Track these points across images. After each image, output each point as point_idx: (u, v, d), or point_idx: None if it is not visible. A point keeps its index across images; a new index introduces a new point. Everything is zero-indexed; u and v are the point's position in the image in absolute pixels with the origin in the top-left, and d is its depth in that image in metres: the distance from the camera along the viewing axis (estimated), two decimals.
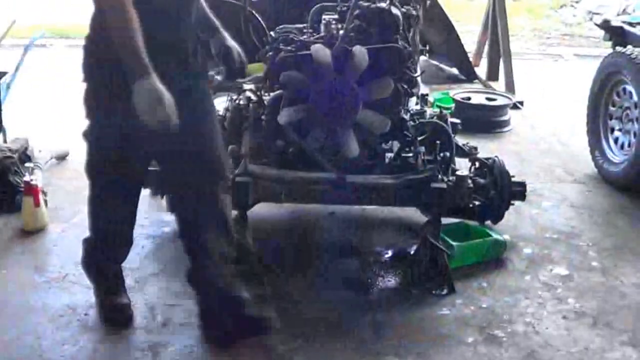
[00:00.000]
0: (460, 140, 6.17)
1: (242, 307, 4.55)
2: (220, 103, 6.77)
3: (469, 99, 8.53)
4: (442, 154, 5.54)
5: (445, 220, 5.42)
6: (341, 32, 5.45)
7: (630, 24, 7.75)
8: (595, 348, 4.66)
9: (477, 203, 5.62)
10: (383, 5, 5.61)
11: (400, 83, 5.44)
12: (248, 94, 5.91)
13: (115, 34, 3.93)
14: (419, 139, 5.60)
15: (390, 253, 5.65)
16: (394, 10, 5.63)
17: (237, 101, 5.93)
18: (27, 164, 6.33)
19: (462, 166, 5.85)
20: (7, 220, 6.04)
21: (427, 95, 6.86)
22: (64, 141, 7.45)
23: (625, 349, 4.66)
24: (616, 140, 7.09)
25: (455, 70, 10.33)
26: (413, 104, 6.17)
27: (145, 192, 5.96)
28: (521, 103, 9.02)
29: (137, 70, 3.91)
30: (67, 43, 11.83)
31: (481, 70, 10.23)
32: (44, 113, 8.46)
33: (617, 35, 7.70)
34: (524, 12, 14.88)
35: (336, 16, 5.77)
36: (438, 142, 5.60)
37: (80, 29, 12.26)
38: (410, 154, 5.47)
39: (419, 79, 5.98)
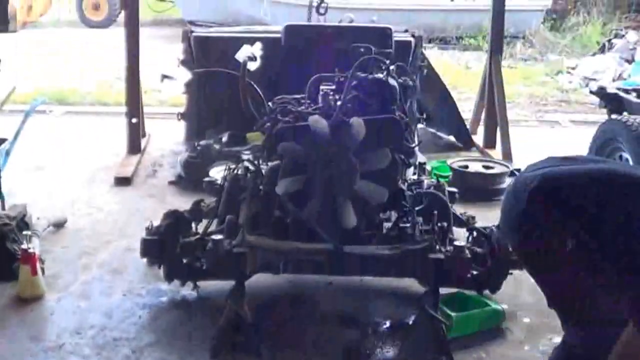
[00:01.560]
0: (457, 209, 6.20)
1: None
2: (219, 172, 6.83)
3: (466, 167, 8.55)
4: (439, 224, 5.54)
5: (443, 290, 5.40)
6: (339, 103, 5.50)
7: (626, 91, 7.80)
8: None
9: (475, 272, 5.61)
10: (380, 76, 5.67)
11: (397, 153, 5.48)
12: (246, 163, 5.95)
13: None
14: (417, 209, 5.62)
15: (388, 323, 5.63)
16: (391, 81, 5.70)
17: (235, 171, 5.96)
18: (24, 232, 6.31)
19: (460, 236, 5.85)
20: (4, 288, 6.00)
21: (424, 163, 6.90)
22: (62, 209, 7.47)
23: None
24: None
25: (452, 138, 10.36)
26: (410, 173, 6.20)
27: (142, 262, 6.00)
28: (518, 170, 9.00)
29: None
30: (66, 109, 11.87)
31: (478, 138, 10.26)
32: (43, 180, 8.48)
33: (612, 102, 7.74)
34: (520, 79, 14.99)
35: (334, 87, 5.83)
36: (435, 212, 5.61)
37: (79, 95, 12.42)
38: (408, 225, 5.48)
39: (416, 148, 6.02)
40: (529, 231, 3.86)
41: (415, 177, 6.30)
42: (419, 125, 9.51)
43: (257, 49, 6.42)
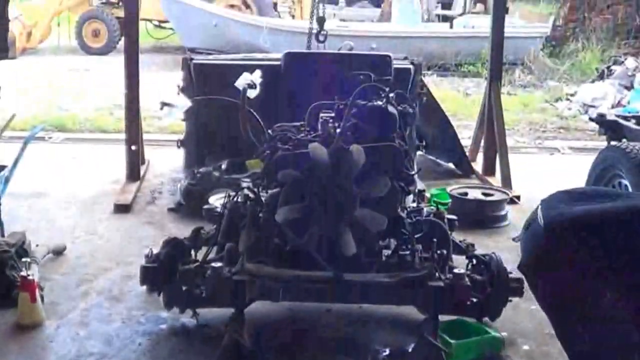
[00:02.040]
0: (457, 236, 6.21)
1: None
2: (218, 200, 6.83)
3: (465, 194, 8.55)
4: (439, 252, 5.54)
5: (442, 317, 5.40)
6: (338, 130, 5.52)
7: (625, 118, 7.80)
8: None
9: (474, 300, 5.61)
10: (379, 103, 5.69)
11: (397, 181, 5.49)
12: (246, 191, 5.95)
13: None
14: (416, 236, 5.62)
15: (387, 351, 5.61)
16: (390, 109, 5.72)
17: (234, 198, 5.96)
18: (24, 259, 6.30)
19: (460, 263, 5.85)
20: (3, 315, 5.99)
21: (424, 191, 6.91)
22: (61, 236, 7.47)
23: None
24: None
25: (452, 166, 10.37)
26: (410, 201, 6.21)
27: (142, 289, 6.00)
28: (518, 198, 9.02)
29: None
30: (65, 136, 11.88)
31: (478, 165, 10.26)
32: (42, 207, 8.48)
33: (611, 129, 7.74)
34: (520, 106, 15.00)
35: (333, 114, 5.84)
36: (435, 239, 5.61)
37: (78, 122, 12.42)
38: (407, 252, 5.48)
39: (415, 176, 6.03)
40: (560, 274, 3.91)
41: (415, 204, 6.31)
42: (419, 153, 9.55)
43: (256, 77, 6.43)
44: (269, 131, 5.99)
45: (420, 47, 17.51)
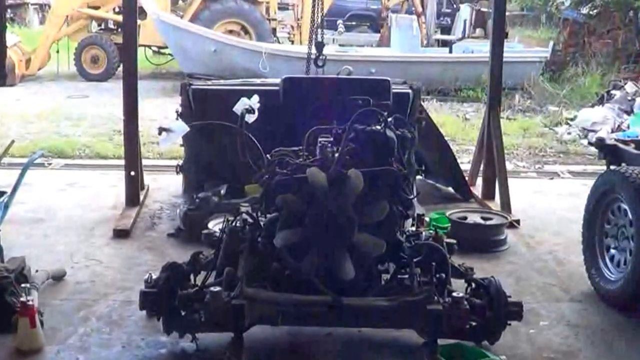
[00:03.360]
0: (456, 260, 6.20)
1: None
2: (217, 224, 6.83)
3: (464, 218, 8.55)
4: (437, 276, 5.54)
5: (441, 341, 5.39)
6: (336, 155, 5.52)
7: (625, 142, 7.79)
8: None
9: (473, 324, 5.60)
10: (378, 128, 5.70)
11: (395, 205, 5.49)
12: (245, 216, 5.96)
13: None
14: (415, 260, 5.62)
15: None
16: (389, 133, 5.73)
17: (233, 223, 5.96)
18: (23, 284, 6.30)
19: (459, 287, 5.85)
20: (3, 341, 5.97)
21: (423, 215, 6.91)
22: (61, 261, 7.46)
23: None
24: (612, 258, 7.07)
25: (451, 190, 10.36)
26: (409, 225, 6.21)
27: (141, 314, 5.99)
28: (517, 222, 9.02)
29: None
30: (65, 162, 11.87)
31: (477, 189, 10.26)
32: (42, 233, 8.47)
33: (611, 153, 7.73)
34: (519, 131, 15.01)
35: (332, 139, 5.85)
36: (434, 263, 5.61)
37: (77, 148, 12.42)
38: (406, 276, 5.48)
39: (414, 200, 6.03)
40: None
41: (414, 228, 6.32)
42: (418, 177, 9.54)
43: (254, 102, 6.45)
44: (268, 156, 6.00)
45: (420, 71, 17.53)
